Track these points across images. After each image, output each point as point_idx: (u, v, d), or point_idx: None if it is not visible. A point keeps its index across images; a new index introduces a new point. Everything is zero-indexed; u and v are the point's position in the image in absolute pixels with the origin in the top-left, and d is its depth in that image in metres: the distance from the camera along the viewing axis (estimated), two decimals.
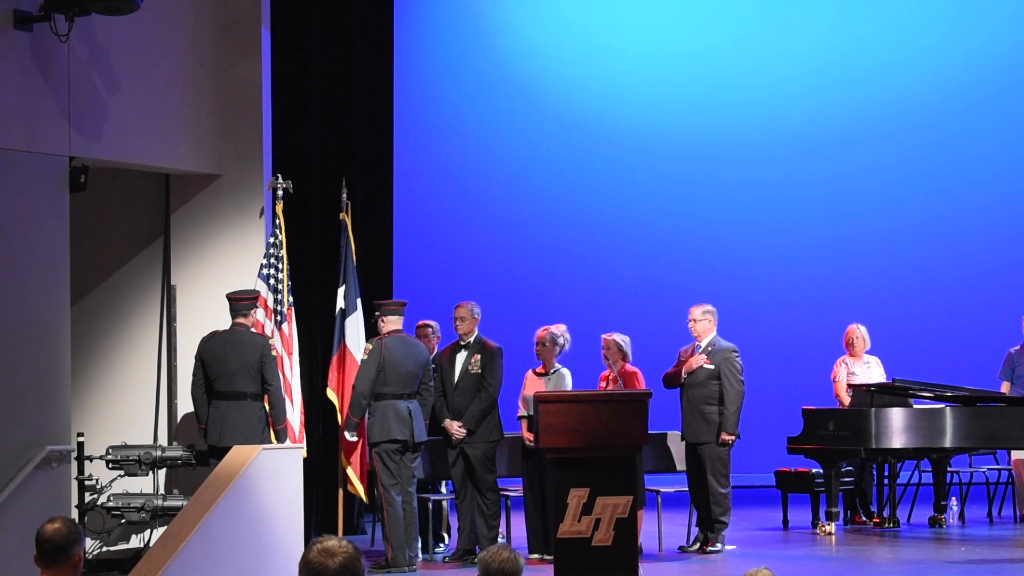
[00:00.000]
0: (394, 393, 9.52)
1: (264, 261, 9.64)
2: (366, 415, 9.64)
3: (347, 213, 10.41)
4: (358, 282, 10.38)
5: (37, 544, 4.31)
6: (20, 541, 4.43)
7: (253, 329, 9.42)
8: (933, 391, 11.00)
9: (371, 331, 9.96)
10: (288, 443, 9.32)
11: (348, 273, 10.29)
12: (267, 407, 9.32)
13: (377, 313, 9.79)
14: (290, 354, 9.68)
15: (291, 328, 9.73)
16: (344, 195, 10.42)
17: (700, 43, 15.37)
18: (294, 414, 9.59)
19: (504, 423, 9.99)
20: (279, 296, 9.66)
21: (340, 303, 10.26)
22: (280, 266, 9.67)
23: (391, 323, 9.68)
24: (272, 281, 9.64)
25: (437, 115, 15.03)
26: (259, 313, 9.55)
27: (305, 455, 9.47)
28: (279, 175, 9.90)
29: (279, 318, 9.66)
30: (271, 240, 9.69)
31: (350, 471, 10.03)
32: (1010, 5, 15.49)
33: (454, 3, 15.31)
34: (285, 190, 9.86)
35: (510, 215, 15.12)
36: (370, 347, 9.66)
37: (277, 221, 9.72)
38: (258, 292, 9.53)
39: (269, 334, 9.57)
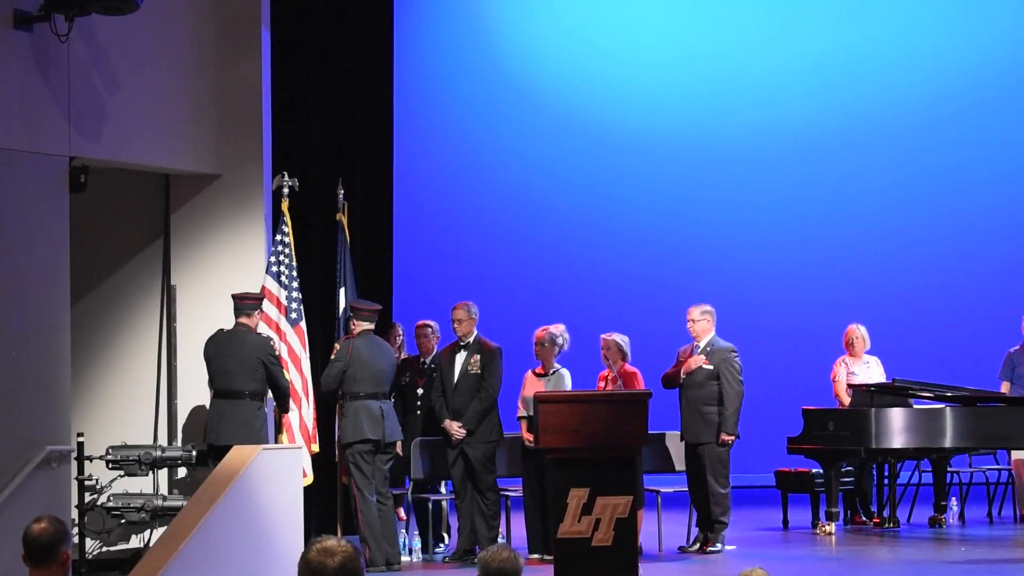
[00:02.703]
0: (366, 393, 9.55)
1: (273, 259, 9.64)
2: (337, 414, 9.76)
3: (344, 213, 10.42)
4: (356, 283, 10.38)
5: (24, 544, 4.32)
6: (20, 541, 4.42)
7: (263, 325, 9.46)
8: (933, 391, 11.00)
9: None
10: (293, 442, 9.37)
11: (346, 274, 10.29)
12: (266, 405, 9.35)
13: (350, 315, 9.82)
14: (306, 349, 9.71)
15: (304, 325, 9.75)
16: (340, 195, 10.42)
17: (700, 44, 15.37)
18: (308, 410, 9.60)
19: (504, 423, 10.00)
20: (292, 293, 9.67)
21: (343, 303, 10.26)
22: (291, 263, 9.68)
23: (361, 324, 9.71)
24: (284, 279, 9.64)
25: (437, 115, 15.03)
26: (272, 312, 9.56)
27: (318, 448, 9.59)
28: (285, 173, 9.90)
29: (295, 316, 9.67)
30: (278, 238, 9.69)
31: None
32: (1012, 7, 15.49)
33: (454, 4, 15.31)
34: (291, 188, 9.86)
35: (510, 215, 15.12)
36: (338, 347, 9.72)
37: (284, 218, 9.71)
38: (262, 295, 9.55)
39: (283, 332, 9.58)
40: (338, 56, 11.93)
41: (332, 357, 9.76)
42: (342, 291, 10.27)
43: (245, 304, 9.36)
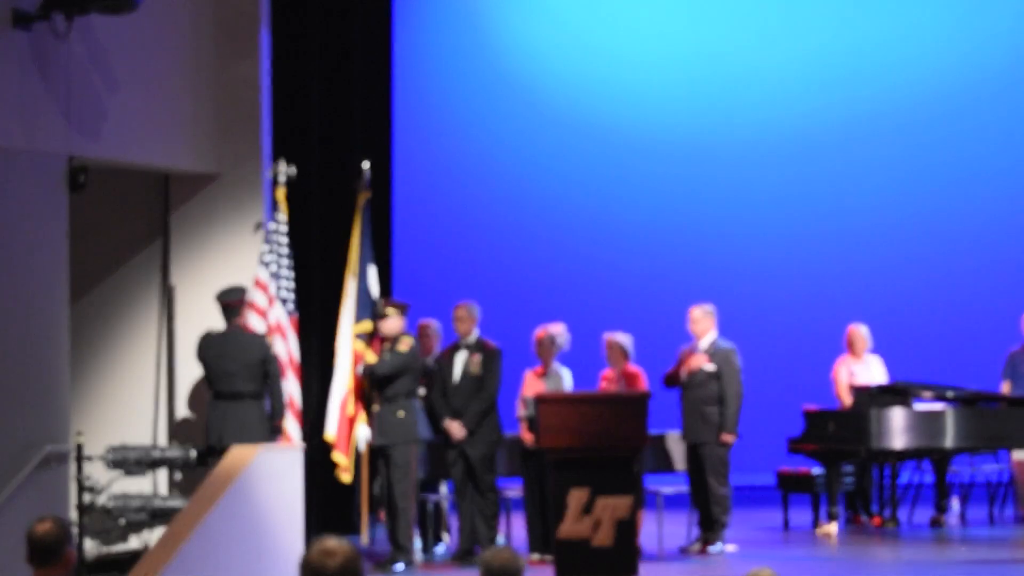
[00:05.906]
0: (416, 392, 9.63)
1: (266, 247, 9.60)
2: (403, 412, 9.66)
3: (362, 192, 10.35)
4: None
5: (28, 544, 4.32)
6: (19, 541, 4.42)
7: (253, 315, 9.45)
8: (934, 391, 10.99)
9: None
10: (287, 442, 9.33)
11: (367, 254, 10.27)
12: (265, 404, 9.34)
13: (394, 310, 9.79)
14: (285, 337, 9.66)
15: (294, 316, 9.73)
16: (366, 175, 10.32)
17: (701, 43, 15.36)
18: (290, 385, 9.52)
19: (504, 423, 9.99)
20: (282, 282, 9.63)
21: (375, 286, 10.21)
22: (282, 252, 9.64)
23: (402, 322, 9.78)
24: (274, 267, 9.60)
25: (437, 115, 15.02)
26: (261, 300, 9.49)
27: (302, 436, 9.51)
28: (283, 160, 9.87)
29: (287, 306, 9.63)
30: (272, 226, 9.65)
31: (339, 456, 9.95)
32: (1012, 7, 15.48)
33: (454, 4, 15.30)
34: (289, 177, 9.84)
35: (511, 215, 15.12)
36: (412, 342, 9.69)
37: (279, 207, 9.68)
38: (245, 290, 9.48)
39: (270, 320, 9.54)
40: (338, 55, 11.92)
41: (404, 350, 9.65)
42: (372, 269, 10.24)
43: (232, 308, 9.34)
